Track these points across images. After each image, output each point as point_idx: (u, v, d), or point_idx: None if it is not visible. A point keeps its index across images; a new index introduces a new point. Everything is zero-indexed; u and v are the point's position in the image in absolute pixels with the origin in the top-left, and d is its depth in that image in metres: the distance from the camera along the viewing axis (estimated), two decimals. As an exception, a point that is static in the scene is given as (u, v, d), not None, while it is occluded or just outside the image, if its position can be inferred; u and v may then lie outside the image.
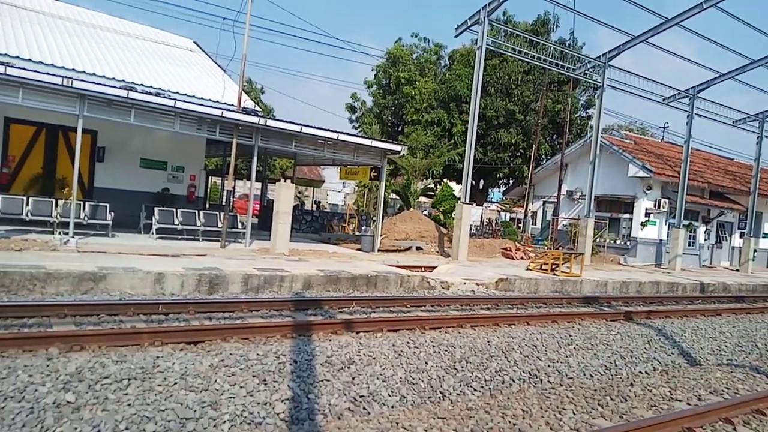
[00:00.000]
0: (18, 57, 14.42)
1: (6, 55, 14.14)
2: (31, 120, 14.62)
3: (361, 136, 21.87)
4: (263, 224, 20.00)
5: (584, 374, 7.29)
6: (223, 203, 15.87)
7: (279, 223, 14.10)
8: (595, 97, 21.61)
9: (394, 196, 30.93)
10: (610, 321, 10.40)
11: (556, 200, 25.79)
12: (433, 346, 7.20)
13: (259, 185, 23.18)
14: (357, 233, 22.25)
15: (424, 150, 27.77)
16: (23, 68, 11.87)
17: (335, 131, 15.87)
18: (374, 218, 19.78)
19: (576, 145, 26.84)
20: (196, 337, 6.30)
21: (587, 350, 8.18)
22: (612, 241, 24.88)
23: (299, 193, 34.90)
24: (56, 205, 13.13)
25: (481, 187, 35.55)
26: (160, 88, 16.77)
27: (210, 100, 17.49)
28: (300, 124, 15.05)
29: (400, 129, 33.56)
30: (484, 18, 17.29)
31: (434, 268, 14.74)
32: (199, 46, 24.38)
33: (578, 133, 32.01)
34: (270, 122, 15.05)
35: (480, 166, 30.41)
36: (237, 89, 18.41)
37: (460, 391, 6.13)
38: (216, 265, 10.36)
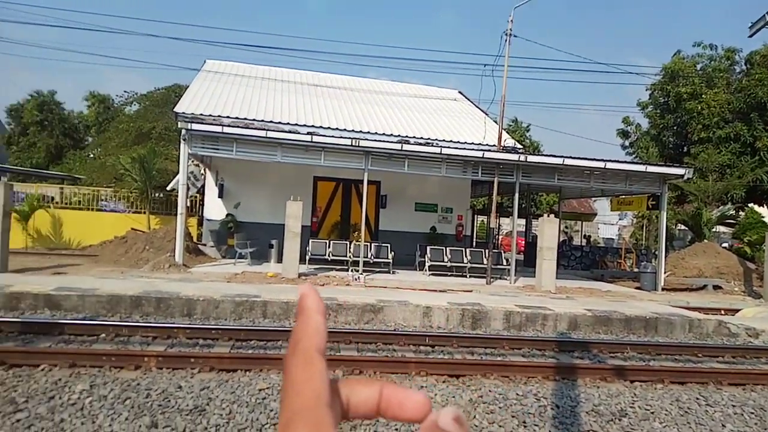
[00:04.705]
0: (321, 126, 17.70)
1: (312, 126, 17.52)
2: (330, 177, 17.65)
3: (635, 162, 19.93)
4: (528, 261, 19.70)
5: None
6: (490, 241, 16.23)
7: (543, 259, 13.73)
8: None
9: (681, 226, 27.01)
10: None
11: None
12: (734, 406, 5.95)
13: (523, 221, 23.07)
14: (635, 270, 20.04)
15: (718, 171, 23.69)
16: (324, 135, 14.55)
17: (602, 160, 14.87)
18: (656, 252, 17.55)
19: None
20: (458, 370, 6.51)
21: None
22: None
23: (567, 227, 33.39)
24: (349, 246, 15.41)
25: (806, 210, 28.35)
26: (429, 138, 18.40)
27: (472, 143, 18.38)
28: (562, 156, 14.60)
29: (684, 150, 29.41)
30: (791, 5, 14.19)
31: (737, 311, 12.25)
32: (463, 94, 26.03)
33: None
34: (530, 158, 15.00)
35: (802, 184, 24.36)
36: (498, 130, 18.93)
37: (775, 468, 4.88)
38: (479, 300, 10.61)
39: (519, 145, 20.47)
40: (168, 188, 19.16)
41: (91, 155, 29.00)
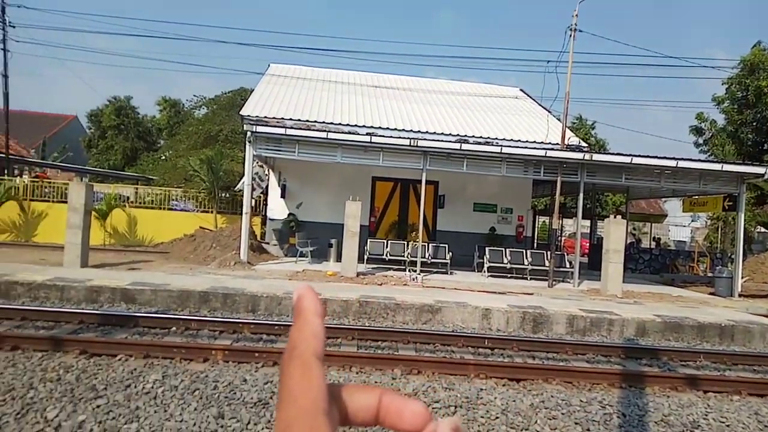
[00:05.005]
0: (379, 127, 17.83)
1: (371, 126, 17.68)
2: (389, 177, 17.74)
3: (710, 161, 18.82)
4: (593, 264, 19.03)
5: None
6: (551, 242, 15.80)
7: (609, 262, 13.23)
8: None
9: (760, 229, 25.26)
10: None
11: None
12: (822, 424, 5.52)
13: (587, 223, 22.32)
14: (709, 274, 18.95)
15: (805, 170, 21.95)
16: (382, 135, 14.65)
17: (674, 158, 14.16)
18: (732, 256, 16.51)
19: None
20: (519, 374, 6.39)
21: None
22: None
23: (635, 229, 31.97)
24: (407, 246, 15.44)
25: None
26: (488, 137, 18.13)
27: (534, 142, 17.94)
28: (630, 155, 14.02)
29: (764, 147, 27.51)
30: None
31: (826, 321, 11.31)
32: (524, 92, 25.46)
33: None
34: (596, 156, 14.51)
35: None
36: (561, 128, 18.40)
37: None
38: (540, 304, 10.35)
39: (584, 144, 19.82)
40: (236, 188, 19.88)
41: (163, 157, 30.52)
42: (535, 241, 22.46)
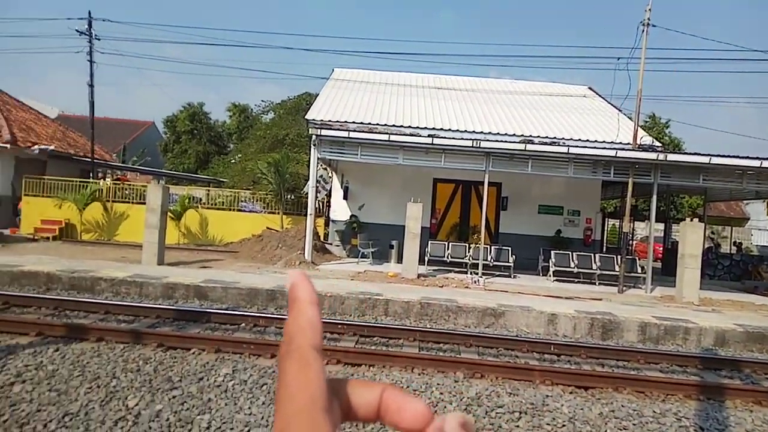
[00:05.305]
0: (441, 129, 17.75)
1: (433, 128, 17.63)
2: (450, 179, 17.63)
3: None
4: (667, 269, 18.07)
5: None
6: (622, 246, 15.15)
7: (685, 267, 12.53)
8: None
9: None
10: None
11: None
12: None
13: (661, 226, 21.23)
14: (800, 282, 17.50)
15: None
16: (444, 137, 14.58)
17: (757, 158, 13.22)
18: (827, 264, 15.21)
19: None
20: (587, 382, 6.18)
21: None
22: None
23: (713, 233, 30.00)
24: (468, 248, 15.28)
25: None
26: (554, 137, 17.64)
27: (604, 141, 17.29)
28: (708, 155, 13.23)
29: None
30: None
31: None
32: (593, 90, 24.57)
33: None
34: (670, 156, 13.79)
35: None
36: (633, 127, 17.61)
37: None
38: (610, 310, 9.95)
39: (657, 143, 18.87)
40: (302, 191, 20.40)
41: (233, 160, 31.76)
42: (604, 244, 21.61)
